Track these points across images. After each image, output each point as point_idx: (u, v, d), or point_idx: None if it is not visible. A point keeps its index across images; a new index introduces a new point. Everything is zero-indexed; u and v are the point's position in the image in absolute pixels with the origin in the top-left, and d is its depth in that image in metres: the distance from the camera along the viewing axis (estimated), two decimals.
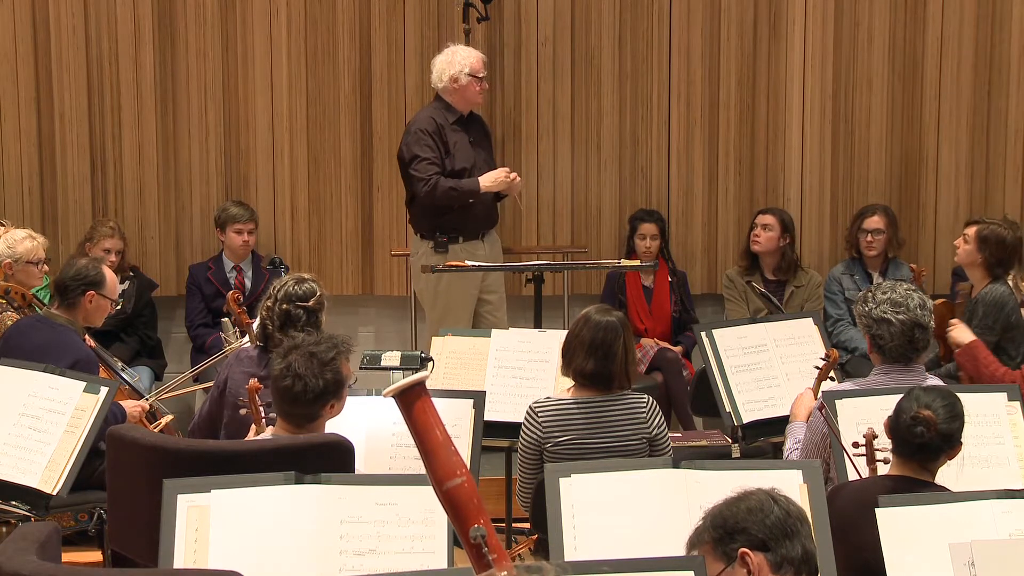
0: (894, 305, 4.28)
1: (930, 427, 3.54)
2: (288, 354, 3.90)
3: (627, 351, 4.51)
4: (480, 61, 6.39)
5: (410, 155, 6.26)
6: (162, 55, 7.03)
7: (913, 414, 3.56)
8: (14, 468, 4.39)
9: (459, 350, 5.31)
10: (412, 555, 3.22)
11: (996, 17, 7.22)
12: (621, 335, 4.50)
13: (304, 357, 3.86)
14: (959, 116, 7.28)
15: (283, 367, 3.87)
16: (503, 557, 2.20)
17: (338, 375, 3.89)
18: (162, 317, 7.07)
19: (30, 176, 7.05)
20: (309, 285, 4.66)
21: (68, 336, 5.02)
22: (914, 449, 3.59)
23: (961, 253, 6.18)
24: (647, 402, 4.55)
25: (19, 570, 2.74)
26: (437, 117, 6.32)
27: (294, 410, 3.87)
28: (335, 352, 3.90)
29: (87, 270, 5.12)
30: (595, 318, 4.56)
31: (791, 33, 7.21)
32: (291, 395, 3.84)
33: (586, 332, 4.52)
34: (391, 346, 6.52)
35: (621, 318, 4.56)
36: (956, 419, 3.60)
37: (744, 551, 2.68)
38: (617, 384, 4.52)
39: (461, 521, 2.17)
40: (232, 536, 3.18)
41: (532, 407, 4.55)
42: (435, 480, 2.18)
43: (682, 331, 7.01)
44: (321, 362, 3.86)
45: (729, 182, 7.29)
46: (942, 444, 3.59)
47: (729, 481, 3.27)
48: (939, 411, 3.57)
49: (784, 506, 2.74)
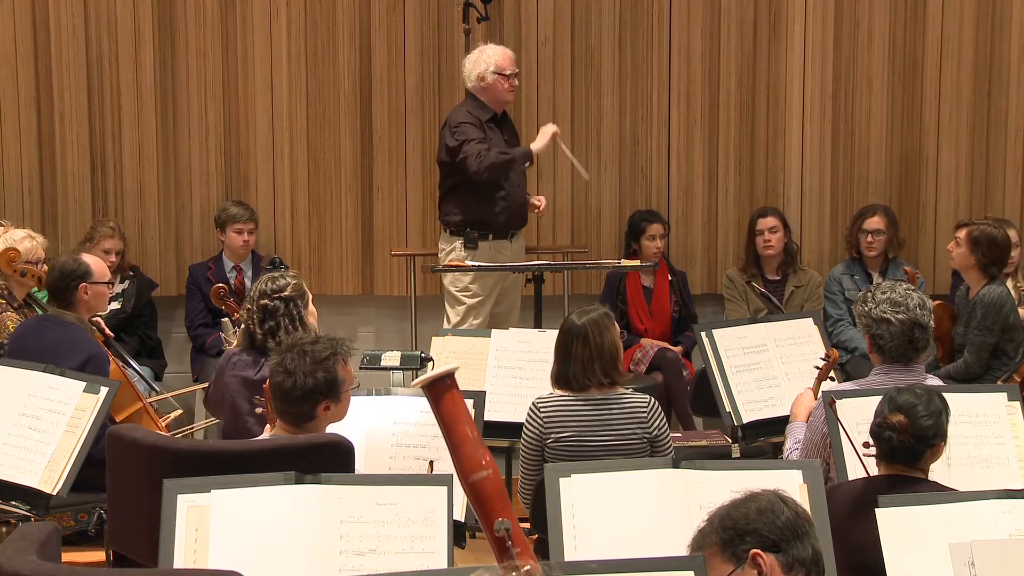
0: (894, 305, 4.28)
1: (900, 431, 3.53)
2: (285, 351, 3.89)
3: (594, 348, 4.49)
4: (507, 58, 6.44)
5: (457, 142, 6.32)
6: (162, 55, 7.03)
7: (880, 420, 3.56)
8: (14, 468, 4.39)
9: (459, 350, 5.31)
10: (412, 555, 3.21)
11: (996, 17, 7.22)
12: (582, 334, 4.49)
13: (298, 354, 3.85)
14: (959, 116, 7.28)
15: (276, 363, 3.87)
16: (527, 551, 2.21)
17: (331, 375, 3.85)
18: (162, 317, 7.07)
19: (30, 176, 7.05)
20: (284, 280, 4.66)
21: (78, 333, 5.03)
22: (888, 452, 3.59)
23: (956, 257, 6.19)
24: (649, 402, 4.55)
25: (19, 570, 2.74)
26: (473, 112, 6.40)
27: (286, 407, 3.86)
28: (330, 352, 3.88)
29: (71, 265, 5.14)
30: (566, 321, 4.61)
31: (791, 33, 7.21)
32: (281, 391, 3.84)
33: (557, 337, 4.60)
34: (391, 346, 6.52)
35: (593, 318, 4.54)
36: (932, 417, 3.56)
37: (756, 552, 2.66)
38: (588, 383, 4.50)
39: (486, 514, 2.18)
40: (232, 536, 3.17)
41: (535, 403, 4.57)
42: (461, 472, 2.20)
43: (682, 331, 7.01)
44: (314, 360, 3.84)
45: (729, 182, 7.29)
46: (917, 445, 3.56)
47: (729, 481, 3.27)
48: (914, 411, 3.55)
49: (793, 507, 2.73)
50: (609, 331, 4.55)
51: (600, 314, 4.58)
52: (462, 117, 6.37)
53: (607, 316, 4.60)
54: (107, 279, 5.30)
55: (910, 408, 3.56)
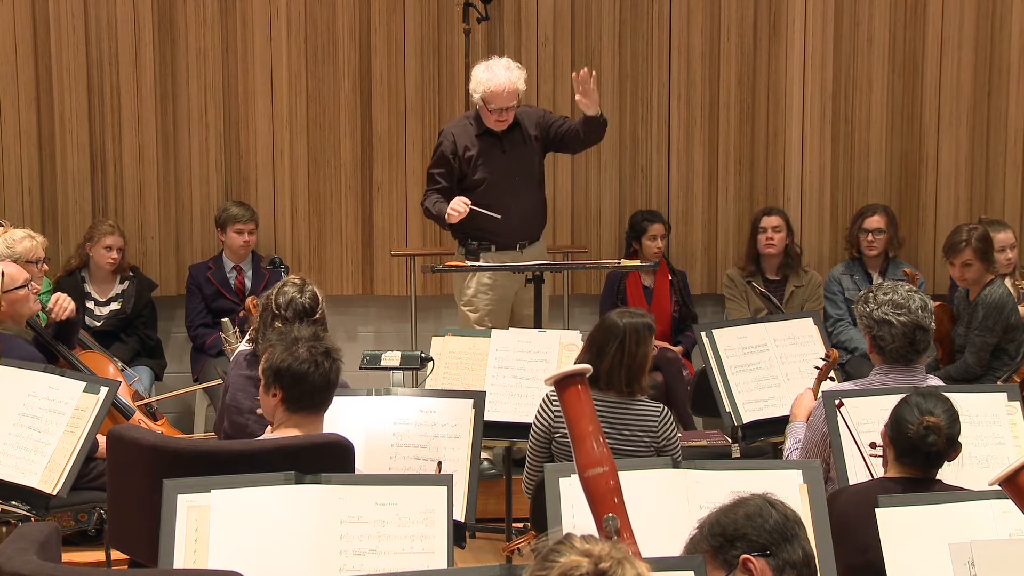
0: (896, 307, 4.27)
1: (940, 434, 3.55)
2: (295, 344, 3.84)
3: (627, 355, 4.48)
4: (498, 93, 6.02)
5: (428, 170, 6.28)
6: (162, 55, 7.02)
7: (924, 424, 3.55)
8: (14, 468, 4.39)
9: (459, 350, 5.31)
10: (412, 555, 3.21)
11: (996, 17, 7.23)
12: (621, 336, 4.48)
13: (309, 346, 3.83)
14: (959, 116, 7.28)
15: (304, 354, 3.80)
16: (633, 546, 2.31)
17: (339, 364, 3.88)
18: (162, 317, 7.07)
19: (30, 176, 7.05)
20: (314, 300, 4.61)
21: (10, 342, 5.04)
22: (924, 457, 3.58)
23: (972, 274, 6.17)
24: (661, 411, 4.54)
25: (19, 570, 2.74)
26: (467, 126, 6.21)
27: (317, 395, 3.83)
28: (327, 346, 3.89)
29: None
30: (608, 318, 4.57)
31: (791, 33, 7.21)
32: (314, 378, 3.79)
33: (593, 330, 4.57)
34: (391, 346, 6.52)
35: (635, 324, 4.51)
36: (956, 422, 3.61)
37: (746, 557, 2.67)
38: (611, 386, 4.50)
39: (597, 509, 2.28)
40: (232, 536, 3.17)
41: (548, 395, 4.57)
42: (579, 466, 2.29)
43: (682, 331, 7.01)
44: (325, 352, 3.84)
45: (729, 182, 7.29)
46: (948, 449, 3.60)
47: (729, 481, 3.27)
48: (942, 416, 3.58)
49: (782, 510, 2.74)
50: (646, 343, 4.52)
51: (643, 323, 4.54)
52: (445, 137, 6.19)
53: (649, 327, 4.55)
54: (20, 283, 5.23)
55: (938, 414, 3.58)
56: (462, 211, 6.01)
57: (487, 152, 6.19)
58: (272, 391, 3.84)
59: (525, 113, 6.26)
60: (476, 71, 6.14)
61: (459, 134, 6.19)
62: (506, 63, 6.10)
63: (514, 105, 6.10)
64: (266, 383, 3.86)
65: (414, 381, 5.80)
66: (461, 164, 6.17)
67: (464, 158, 6.16)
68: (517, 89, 6.08)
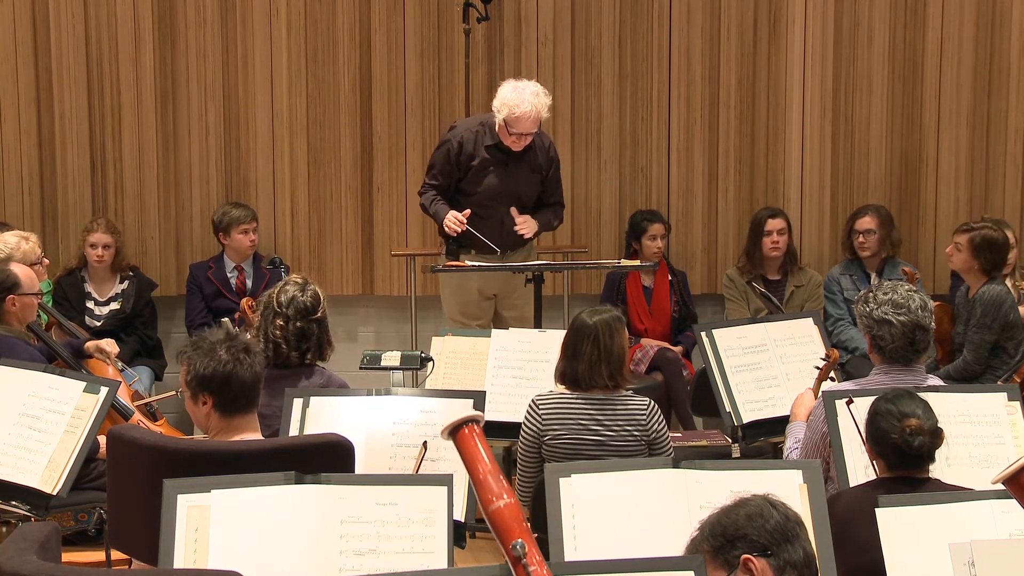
0: (896, 307, 4.27)
1: (923, 432, 3.55)
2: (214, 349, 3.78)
3: (603, 349, 4.51)
4: (520, 119, 5.93)
5: (430, 159, 6.26)
6: (162, 55, 7.03)
7: (905, 430, 3.55)
8: (14, 468, 4.39)
9: (459, 350, 5.31)
10: (412, 555, 3.21)
11: (996, 17, 7.23)
12: (593, 334, 4.52)
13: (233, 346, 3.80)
14: (959, 116, 7.28)
15: (225, 355, 3.75)
16: (542, 567, 2.48)
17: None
18: (162, 317, 7.07)
19: (30, 175, 7.06)
20: (314, 298, 4.63)
21: (11, 343, 5.06)
22: (917, 460, 3.58)
23: (956, 261, 6.18)
24: (648, 405, 4.56)
25: (19, 570, 2.73)
26: (480, 133, 6.12)
27: (250, 394, 3.79)
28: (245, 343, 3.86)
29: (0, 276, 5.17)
30: (577, 319, 4.60)
31: (791, 33, 7.21)
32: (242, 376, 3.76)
33: (566, 333, 4.60)
34: (391, 346, 6.53)
35: (605, 319, 4.56)
36: (931, 413, 3.62)
37: (747, 557, 2.68)
38: (593, 383, 4.52)
39: (503, 538, 2.51)
40: (232, 536, 3.17)
41: (534, 400, 4.59)
42: (482, 503, 2.57)
43: (682, 331, 7.01)
44: (246, 348, 3.81)
45: (729, 182, 7.29)
46: (935, 441, 3.60)
47: (729, 481, 3.27)
48: (919, 414, 3.58)
49: (782, 511, 2.74)
50: (619, 334, 4.56)
51: (612, 316, 4.60)
52: (455, 135, 6.14)
53: (618, 319, 4.61)
54: (36, 290, 5.33)
55: (913, 412, 3.58)
56: (459, 230, 6.04)
57: (492, 165, 6.14)
58: (201, 399, 3.79)
59: (541, 143, 6.18)
60: (503, 90, 6.01)
61: (468, 140, 6.12)
62: (535, 89, 5.98)
63: (535, 131, 6.05)
64: (193, 394, 3.81)
65: (414, 381, 5.80)
66: (461, 169, 6.16)
67: (466, 165, 6.14)
68: (541, 118, 6.01)
